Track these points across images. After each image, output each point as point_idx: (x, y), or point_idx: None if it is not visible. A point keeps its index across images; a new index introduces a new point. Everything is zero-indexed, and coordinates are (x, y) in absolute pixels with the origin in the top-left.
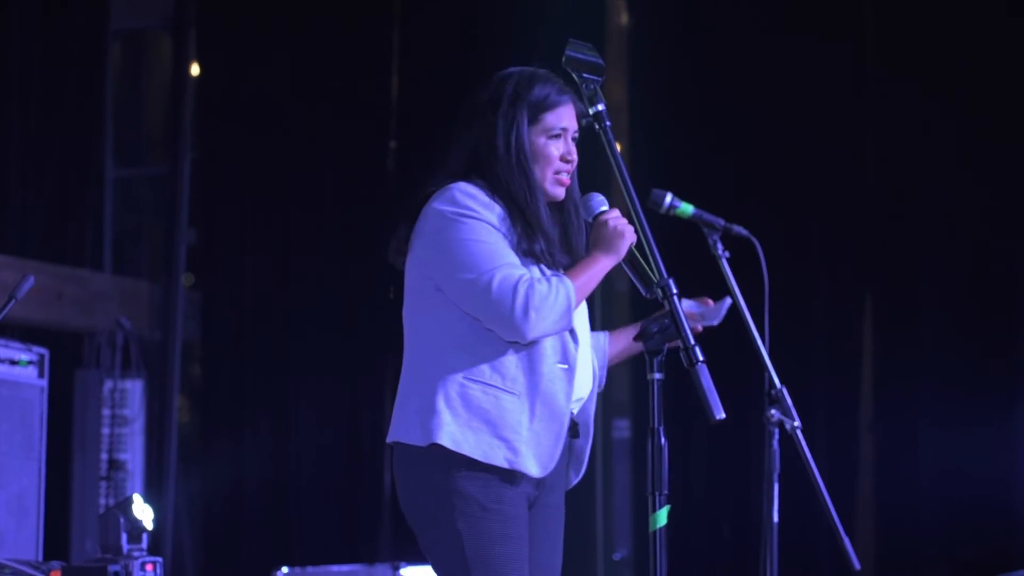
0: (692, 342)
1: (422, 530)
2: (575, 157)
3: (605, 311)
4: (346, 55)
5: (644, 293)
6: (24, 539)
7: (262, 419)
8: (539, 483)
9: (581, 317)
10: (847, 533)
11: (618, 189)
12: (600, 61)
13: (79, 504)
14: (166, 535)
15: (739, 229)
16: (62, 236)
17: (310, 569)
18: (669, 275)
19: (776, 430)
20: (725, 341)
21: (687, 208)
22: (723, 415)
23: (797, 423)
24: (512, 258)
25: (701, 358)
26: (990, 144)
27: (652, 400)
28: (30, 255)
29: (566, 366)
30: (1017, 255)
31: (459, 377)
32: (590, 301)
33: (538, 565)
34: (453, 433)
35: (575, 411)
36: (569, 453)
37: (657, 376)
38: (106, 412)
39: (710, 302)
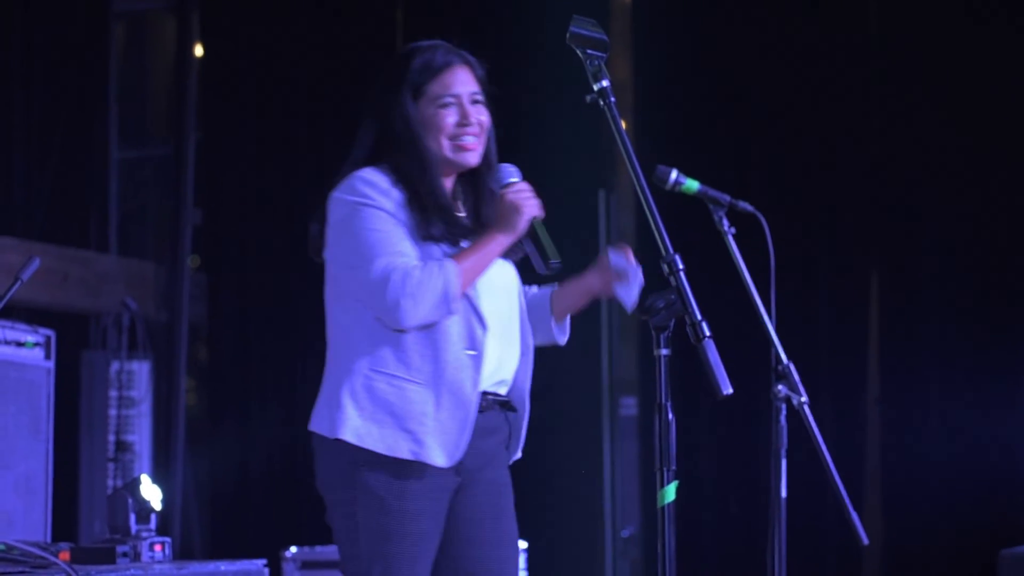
0: (699, 317)
1: (330, 516)
2: (477, 119)
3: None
4: (350, 34)
5: (539, 270)
6: (32, 520)
7: (269, 399)
8: (458, 469)
9: (498, 298)
10: (855, 508)
11: (623, 166)
12: (604, 37)
13: (87, 485)
14: (174, 515)
15: (745, 205)
16: (67, 217)
17: (318, 548)
18: (675, 251)
19: (783, 405)
20: (732, 316)
21: (692, 184)
22: (730, 390)
23: (804, 398)
24: (403, 246)
25: (708, 333)
26: (994, 122)
27: (659, 376)
28: (35, 237)
29: (474, 352)
30: (1022, 231)
31: (365, 369)
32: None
33: (483, 542)
34: (357, 428)
35: (503, 392)
36: (509, 425)
37: (664, 352)
38: (113, 393)
39: (629, 253)
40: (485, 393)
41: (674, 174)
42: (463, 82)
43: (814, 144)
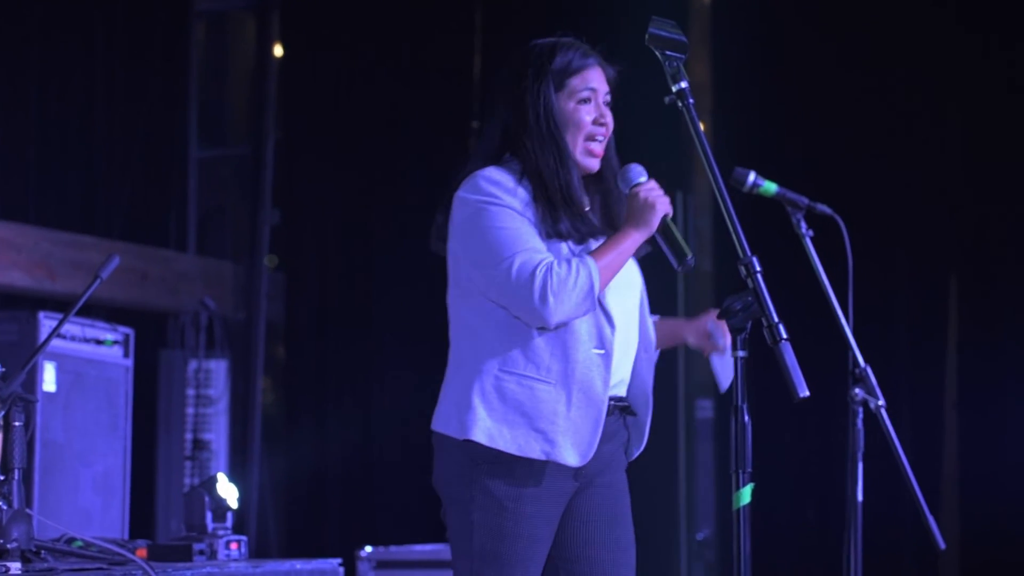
0: (776, 319)
1: (446, 513)
2: (609, 120)
3: (687, 291)
4: (428, 34)
5: (675, 266)
6: (110, 518)
7: (345, 399)
8: (579, 472)
9: (623, 296)
10: (932, 512)
11: (701, 167)
12: (683, 38)
13: (164, 483)
14: (250, 514)
15: (823, 208)
16: (147, 217)
17: (393, 548)
18: (752, 253)
19: (860, 409)
20: (809, 319)
21: (771, 187)
22: (807, 393)
23: (881, 402)
24: (535, 242)
25: (785, 336)
26: None
27: (736, 378)
28: (115, 236)
29: (602, 351)
30: None
31: (495, 369)
32: (652, 278)
33: (599, 543)
34: (488, 429)
35: (622, 393)
36: (627, 429)
37: (741, 354)
38: (190, 392)
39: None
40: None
41: (752, 176)
42: (600, 80)
43: (892, 146)
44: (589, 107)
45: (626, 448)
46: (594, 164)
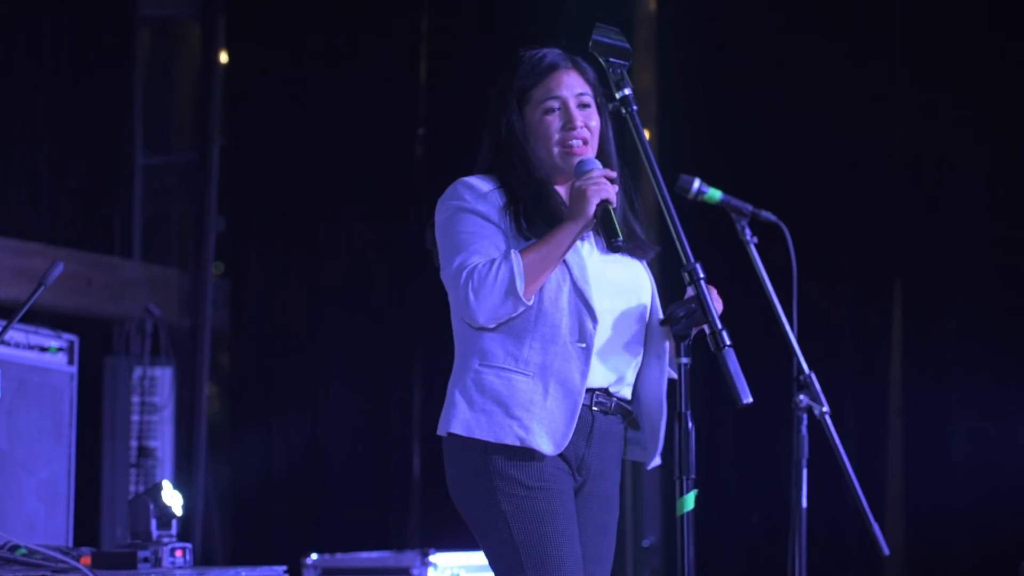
0: (719, 326)
1: (470, 519)
2: (582, 123)
3: None
4: (374, 41)
5: (600, 250)
6: (54, 525)
7: (291, 406)
8: (580, 468)
9: (612, 297)
10: (876, 518)
11: (645, 174)
12: (627, 45)
13: (109, 490)
14: (196, 521)
15: (767, 215)
16: (91, 223)
17: (339, 555)
18: (696, 260)
19: (805, 415)
20: (753, 326)
21: (715, 194)
22: (750, 399)
23: (826, 408)
24: (485, 246)
25: (728, 342)
26: (1019, 129)
27: (679, 385)
28: (60, 242)
29: (583, 344)
30: None
31: (476, 365)
32: None
33: (592, 558)
34: (466, 420)
35: (626, 394)
36: (625, 444)
37: (684, 360)
38: (136, 399)
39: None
40: (606, 391)
41: (697, 183)
42: (568, 85)
43: (837, 153)
44: (555, 115)
45: (641, 455)
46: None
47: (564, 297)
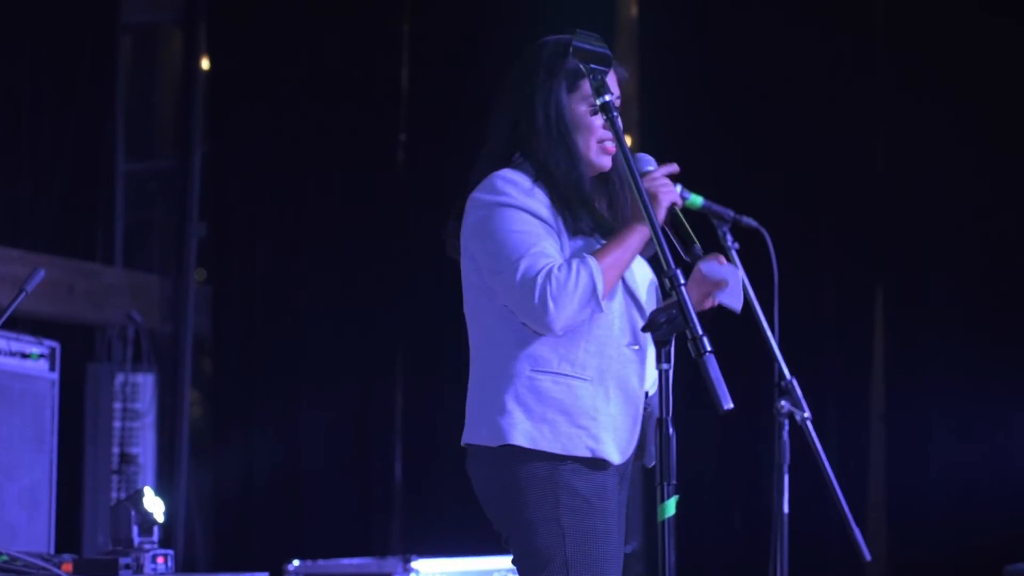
0: (700, 332)
1: (509, 529)
2: (619, 124)
3: None
4: (356, 47)
5: (683, 256)
6: (36, 532)
7: (273, 413)
8: (624, 475)
9: (648, 294)
10: (858, 524)
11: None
12: (607, 51)
13: (91, 497)
14: (177, 528)
15: (748, 220)
16: (73, 230)
17: (321, 562)
18: (677, 266)
19: (786, 421)
20: (734, 332)
21: (696, 199)
22: (731, 405)
23: (807, 414)
24: (544, 245)
25: (709, 348)
26: (1000, 134)
27: (661, 390)
28: (41, 249)
29: (637, 347)
30: None
31: (527, 371)
32: None
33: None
34: (528, 431)
35: (653, 392)
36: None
37: (665, 366)
38: (117, 406)
39: (722, 259)
40: (645, 394)
41: (678, 189)
42: (614, 83)
43: (819, 159)
44: (599, 113)
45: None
46: (607, 162)
47: (618, 299)
